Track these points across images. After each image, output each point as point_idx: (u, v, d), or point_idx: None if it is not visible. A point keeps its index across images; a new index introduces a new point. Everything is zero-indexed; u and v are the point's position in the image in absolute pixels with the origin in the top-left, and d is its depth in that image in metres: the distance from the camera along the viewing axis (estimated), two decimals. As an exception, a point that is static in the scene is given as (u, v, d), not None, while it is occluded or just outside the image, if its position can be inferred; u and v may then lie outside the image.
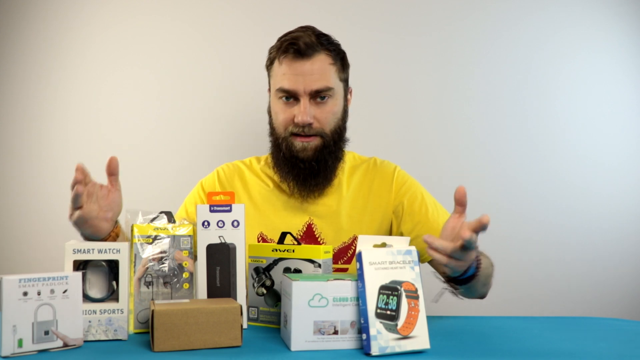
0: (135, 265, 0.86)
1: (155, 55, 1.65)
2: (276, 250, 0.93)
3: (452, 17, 1.65)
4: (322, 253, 0.90)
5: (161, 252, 0.87)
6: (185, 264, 0.87)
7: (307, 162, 1.13)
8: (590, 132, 1.65)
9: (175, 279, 0.87)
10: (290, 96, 1.13)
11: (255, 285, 0.94)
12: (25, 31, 1.66)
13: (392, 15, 1.65)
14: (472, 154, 1.64)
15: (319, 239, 1.17)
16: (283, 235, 0.98)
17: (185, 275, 0.87)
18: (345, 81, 1.20)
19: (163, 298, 0.86)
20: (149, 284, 0.86)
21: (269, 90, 1.20)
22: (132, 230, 0.87)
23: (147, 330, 0.85)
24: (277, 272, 0.93)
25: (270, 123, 1.19)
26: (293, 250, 0.91)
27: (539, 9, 1.66)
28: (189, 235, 0.88)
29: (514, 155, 1.65)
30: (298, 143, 1.13)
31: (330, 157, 1.15)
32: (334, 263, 1.15)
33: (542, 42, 1.66)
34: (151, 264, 0.86)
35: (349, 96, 1.24)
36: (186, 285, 0.87)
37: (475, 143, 1.65)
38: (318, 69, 1.11)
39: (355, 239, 1.17)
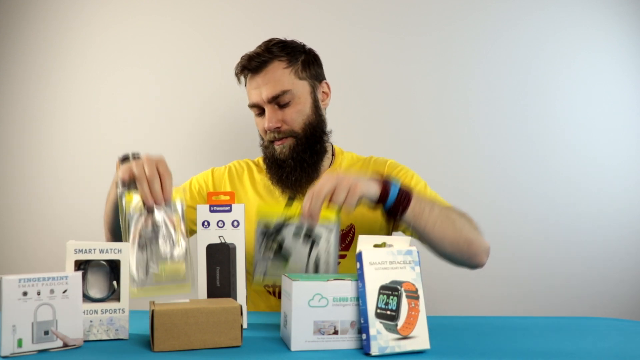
0: (129, 232, 0.86)
1: (155, 55, 1.65)
2: (286, 211, 0.93)
3: (452, 17, 1.65)
4: (335, 217, 0.91)
5: (152, 217, 0.88)
6: (177, 222, 0.88)
7: (286, 161, 1.22)
8: (590, 132, 1.65)
9: (167, 241, 0.88)
10: (259, 109, 1.24)
11: (263, 248, 0.93)
12: (25, 31, 1.66)
13: (392, 15, 1.65)
14: (472, 154, 1.65)
15: None
16: (291, 198, 0.98)
17: (177, 235, 0.88)
18: (311, 77, 1.26)
19: (157, 258, 0.86)
20: (142, 247, 0.87)
21: None
22: (125, 197, 0.87)
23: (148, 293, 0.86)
24: (286, 235, 0.92)
25: (259, 135, 1.30)
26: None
27: (539, 9, 1.66)
28: (178, 199, 0.89)
29: (514, 155, 1.65)
30: (277, 147, 1.23)
31: (306, 152, 1.23)
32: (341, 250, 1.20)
33: (542, 42, 1.66)
34: (144, 229, 0.87)
35: (323, 90, 1.29)
36: (178, 242, 0.88)
37: (475, 143, 1.65)
38: (271, 78, 1.21)
39: (352, 227, 1.22)
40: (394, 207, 0.96)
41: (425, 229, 0.99)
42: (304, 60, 1.24)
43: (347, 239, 1.21)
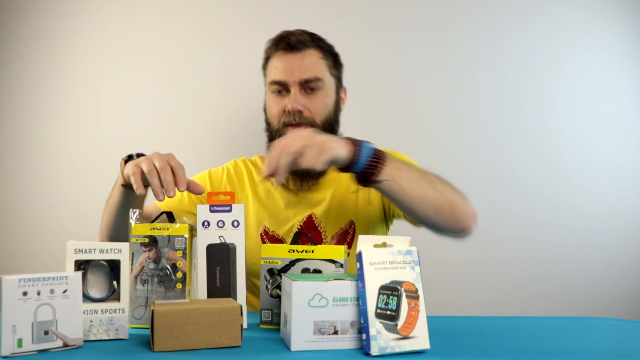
0: (132, 264, 0.87)
1: (156, 55, 1.65)
2: (293, 251, 0.90)
3: (452, 17, 1.65)
4: (343, 253, 0.89)
5: (156, 252, 0.88)
6: (179, 264, 0.88)
7: None
8: (590, 132, 1.66)
9: (169, 279, 0.88)
10: (282, 88, 1.18)
11: (269, 287, 0.91)
12: (26, 31, 1.66)
13: (392, 15, 1.65)
14: (472, 154, 1.65)
15: (319, 228, 1.21)
16: (297, 235, 0.96)
17: (179, 275, 0.88)
18: (337, 78, 1.24)
19: (157, 296, 0.88)
20: (144, 282, 0.88)
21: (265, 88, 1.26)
22: (130, 231, 0.88)
23: (142, 326, 0.87)
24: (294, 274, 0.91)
25: (266, 119, 1.25)
26: (312, 251, 0.89)
27: (539, 9, 1.66)
28: (183, 236, 0.88)
29: (514, 155, 1.65)
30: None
31: None
32: (340, 243, 1.20)
33: (542, 43, 1.66)
34: (147, 263, 0.87)
35: (342, 95, 1.28)
36: (179, 285, 0.88)
37: (475, 143, 1.65)
38: (308, 61, 1.17)
39: (352, 223, 1.21)
40: (367, 169, 0.89)
41: (403, 192, 0.92)
42: (334, 59, 1.24)
43: (347, 236, 1.21)
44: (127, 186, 1.00)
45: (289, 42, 1.17)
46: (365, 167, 0.89)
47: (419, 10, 1.66)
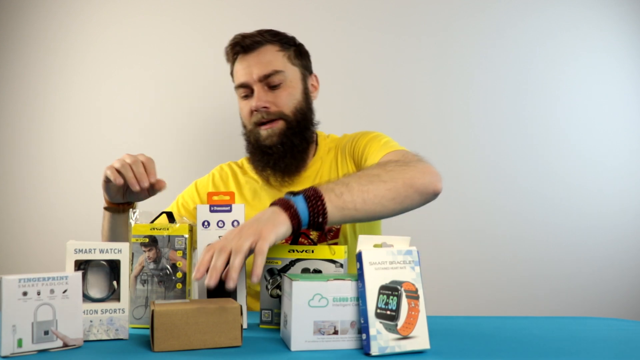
0: (132, 264, 0.88)
1: (155, 55, 1.65)
2: (293, 251, 0.89)
3: (452, 17, 1.65)
4: (343, 253, 0.89)
5: (156, 252, 0.88)
6: (179, 264, 0.88)
7: (274, 147, 1.19)
8: (590, 132, 1.66)
9: (169, 279, 0.88)
10: (247, 90, 1.20)
11: (269, 287, 0.91)
12: (26, 31, 1.66)
13: (392, 15, 1.65)
14: (472, 155, 1.65)
15: None
16: (297, 235, 0.96)
17: (179, 275, 0.88)
18: (303, 67, 1.24)
19: (157, 296, 0.88)
20: (144, 282, 0.88)
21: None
22: (131, 231, 0.88)
23: (142, 326, 0.87)
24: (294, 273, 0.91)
25: (242, 124, 1.27)
26: (312, 251, 0.89)
27: (539, 9, 1.66)
28: (183, 236, 0.88)
29: (514, 155, 1.65)
30: (263, 132, 1.19)
31: (296, 137, 1.20)
32: (322, 241, 1.18)
33: (542, 43, 1.66)
34: (147, 263, 0.88)
35: (312, 82, 1.28)
36: (179, 285, 0.88)
37: (475, 143, 1.65)
38: (265, 57, 1.18)
39: None
40: (313, 220, 0.82)
41: (357, 211, 0.85)
42: (296, 49, 1.24)
43: (333, 227, 1.20)
44: (110, 209, 1.06)
45: (242, 45, 1.19)
46: (310, 218, 0.82)
47: (419, 10, 1.66)
